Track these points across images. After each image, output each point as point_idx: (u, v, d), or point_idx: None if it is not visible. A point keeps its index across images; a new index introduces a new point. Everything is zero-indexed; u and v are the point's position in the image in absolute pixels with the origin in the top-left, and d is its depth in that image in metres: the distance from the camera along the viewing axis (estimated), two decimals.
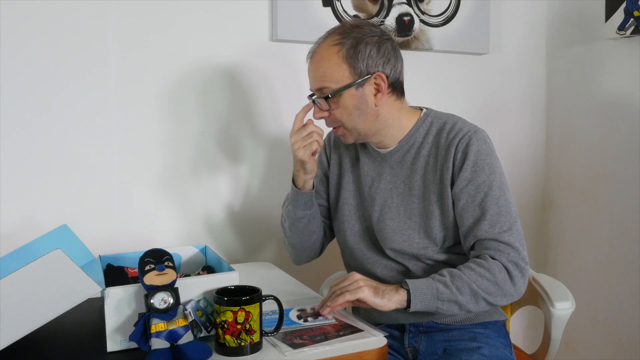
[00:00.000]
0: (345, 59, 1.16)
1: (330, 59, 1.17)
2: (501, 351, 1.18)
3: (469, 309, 1.11)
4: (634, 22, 1.69)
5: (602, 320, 1.92)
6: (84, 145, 1.47)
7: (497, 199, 1.14)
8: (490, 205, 1.14)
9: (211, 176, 1.62)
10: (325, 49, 1.18)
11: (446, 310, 1.10)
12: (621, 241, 1.84)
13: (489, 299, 1.11)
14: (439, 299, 1.09)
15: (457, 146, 1.17)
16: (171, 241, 1.57)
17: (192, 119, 1.59)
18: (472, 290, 1.09)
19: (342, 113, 1.19)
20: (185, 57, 1.56)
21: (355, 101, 1.18)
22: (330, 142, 1.40)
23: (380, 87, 1.18)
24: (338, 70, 1.16)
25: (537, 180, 2.11)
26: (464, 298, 1.09)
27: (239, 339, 0.92)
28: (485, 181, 1.15)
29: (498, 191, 1.15)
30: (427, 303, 1.09)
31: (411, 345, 1.24)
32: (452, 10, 1.86)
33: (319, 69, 1.18)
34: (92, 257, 1.25)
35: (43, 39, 1.41)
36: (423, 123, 1.24)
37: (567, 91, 2.02)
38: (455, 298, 1.09)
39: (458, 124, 1.20)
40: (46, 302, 0.90)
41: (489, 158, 1.17)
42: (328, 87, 1.17)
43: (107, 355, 0.93)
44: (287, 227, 1.34)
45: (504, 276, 1.10)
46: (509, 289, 1.11)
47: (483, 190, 1.15)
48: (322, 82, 1.18)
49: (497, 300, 1.12)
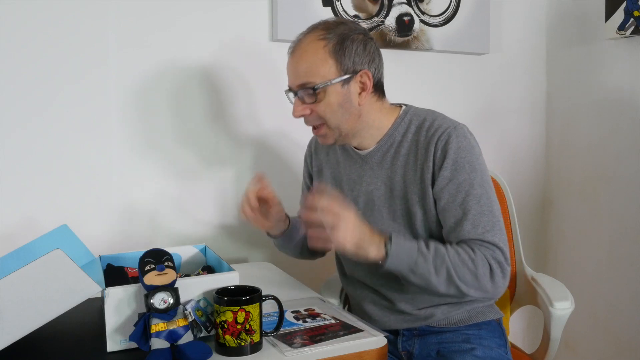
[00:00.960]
0: (332, 54, 1.12)
1: (315, 53, 1.12)
2: (495, 351, 1.17)
3: (437, 291, 1.09)
4: (634, 22, 1.69)
5: (602, 320, 1.92)
6: (84, 145, 1.47)
7: (478, 198, 1.11)
8: (472, 204, 1.10)
9: (212, 176, 1.62)
10: (310, 43, 1.14)
11: (413, 282, 1.09)
12: (621, 241, 1.84)
13: (461, 287, 1.08)
14: (413, 271, 1.07)
15: (436, 144, 1.13)
16: (171, 241, 1.57)
17: (192, 119, 1.59)
18: (448, 274, 1.07)
19: (326, 109, 1.14)
20: (185, 57, 1.56)
21: (340, 98, 1.14)
22: (311, 148, 1.39)
23: (366, 86, 1.15)
24: (324, 65, 1.12)
25: (537, 180, 2.11)
26: (437, 279, 1.07)
27: (239, 339, 0.92)
28: (466, 180, 1.11)
29: (479, 190, 1.11)
30: (400, 270, 1.08)
31: (405, 348, 1.23)
32: (452, 10, 1.86)
33: (303, 63, 1.13)
34: (92, 257, 1.25)
35: (43, 39, 1.41)
36: (402, 121, 1.20)
37: (567, 91, 2.02)
38: (428, 276, 1.07)
39: (437, 120, 1.16)
40: (46, 302, 0.90)
41: (470, 155, 1.12)
42: (312, 82, 1.12)
43: (107, 355, 0.93)
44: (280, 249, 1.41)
45: (486, 271, 1.08)
46: (485, 284, 1.09)
47: (464, 189, 1.11)
48: (306, 77, 1.13)
49: (469, 291, 1.09)
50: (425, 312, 1.20)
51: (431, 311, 1.20)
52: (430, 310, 1.20)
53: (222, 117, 1.62)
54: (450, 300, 1.20)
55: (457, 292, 1.09)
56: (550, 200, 2.10)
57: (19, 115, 1.40)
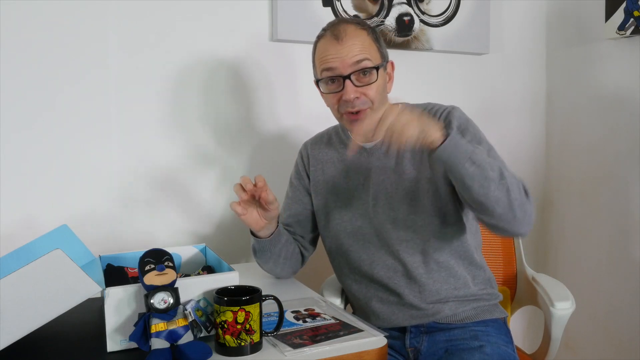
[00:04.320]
0: (374, 41, 1.20)
1: (365, 38, 1.18)
2: (503, 349, 1.18)
3: (488, 189, 1.01)
4: (634, 22, 1.69)
5: (602, 320, 1.92)
6: (84, 146, 1.47)
7: (488, 150, 1.14)
8: (484, 154, 1.08)
9: (211, 176, 1.63)
10: (355, 30, 1.19)
11: (469, 174, 1.01)
12: (621, 241, 1.84)
13: (510, 195, 1.03)
14: (471, 159, 1.01)
15: (439, 119, 1.19)
16: (171, 241, 1.57)
17: (192, 119, 1.59)
18: (501, 174, 1.03)
19: (377, 91, 1.18)
20: (185, 58, 1.56)
21: (384, 82, 1.21)
22: (307, 150, 1.38)
23: (391, 76, 1.25)
24: (373, 48, 1.19)
25: (537, 180, 2.11)
26: (492, 173, 1.02)
27: (239, 339, 0.92)
28: (474, 138, 1.16)
29: (487, 145, 1.16)
30: (458, 157, 1.01)
31: (412, 345, 1.23)
32: (452, 10, 1.86)
33: (359, 44, 1.17)
34: (92, 257, 1.25)
35: (43, 40, 1.41)
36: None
37: (567, 91, 2.02)
38: (485, 166, 1.02)
39: (435, 105, 1.25)
40: (46, 302, 0.90)
41: (471, 124, 1.19)
42: (370, 59, 1.17)
43: (107, 355, 0.93)
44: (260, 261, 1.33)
45: (522, 187, 1.08)
46: (523, 201, 1.06)
47: (474, 143, 1.12)
48: (365, 54, 1.17)
49: (514, 203, 1.04)
50: (433, 308, 1.21)
51: (439, 307, 1.21)
52: (439, 306, 1.21)
53: (222, 117, 1.62)
54: (457, 296, 1.21)
55: (506, 199, 1.03)
56: (550, 200, 2.10)
57: (19, 116, 1.40)
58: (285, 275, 1.37)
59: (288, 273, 1.36)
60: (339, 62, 1.17)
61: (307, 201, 1.36)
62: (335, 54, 1.18)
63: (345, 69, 1.17)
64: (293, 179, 1.40)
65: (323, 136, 1.38)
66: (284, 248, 1.30)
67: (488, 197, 1.03)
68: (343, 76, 1.17)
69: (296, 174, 1.40)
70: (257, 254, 1.31)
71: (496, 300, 1.28)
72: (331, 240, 1.33)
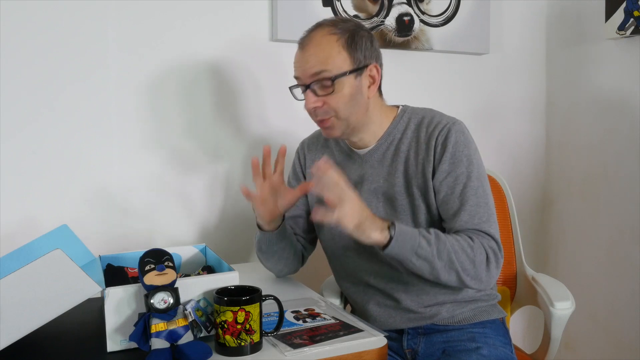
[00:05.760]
0: (345, 47, 1.15)
1: (330, 45, 1.15)
2: (500, 350, 1.18)
3: (438, 277, 1.10)
4: (634, 22, 1.69)
5: (602, 320, 1.92)
6: (84, 146, 1.47)
7: (475, 190, 1.15)
8: (469, 196, 1.14)
9: (212, 176, 1.62)
10: (323, 37, 1.16)
11: (417, 267, 1.09)
12: (621, 241, 1.84)
13: (461, 275, 1.10)
14: (417, 254, 1.07)
15: (436, 139, 1.17)
16: (171, 241, 1.57)
17: (192, 119, 1.59)
18: (449, 259, 1.08)
19: (339, 101, 1.16)
20: (185, 58, 1.56)
21: (353, 90, 1.16)
22: (304, 151, 1.39)
23: (375, 79, 1.19)
24: (338, 56, 1.15)
25: (537, 180, 2.11)
26: (440, 263, 1.08)
27: (239, 339, 0.92)
28: (463, 172, 1.15)
29: (476, 182, 1.15)
30: (403, 254, 1.07)
31: (410, 346, 1.23)
32: (452, 10, 1.86)
33: (319, 54, 1.15)
34: (92, 257, 1.25)
35: (43, 40, 1.41)
36: (401, 119, 1.24)
37: (567, 91, 2.02)
38: (431, 259, 1.08)
39: (436, 117, 1.21)
40: (46, 302, 0.90)
41: (467, 149, 1.17)
42: (328, 71, 1.14)
43: (107, 355, 0.93)
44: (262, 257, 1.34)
45: (482, 259, 1.10)
46: (482, 273, 1.11)
47: (462, 181, 1.15)
48: (322, 65, 1.14)
49: (467, 280, 1.11)
50: (430, 311, 1.21)
51: (436, 309, 1.21)
52: (436, 309, 1.21)
53: (222, 117, 1.62)
54: (454, 298, 1.21)
55: (457, 280, 1.11)
56: (550, 200, 2.10)
57: (20, 116, 1.40)
58: (286, 272, 1.37)
59: (289, 270, 1.36)
60: (301, 71, 1.19)
61: (305, 201, 1.37)
62: (298, 63, 1.19)
63: (306, 78, 1.18)
64: (291, 180, 1.41)
65: (320, 136, 1.38)
66: (288, 243, 1.31)
67: (439, 280, 1.11)
68: (305, 85, 1.18)
69: (293, 174, 1.40)
70: (262, 249, 1.31)
71: (494, 301, 1.28)
72: (327, 244, 1.33)
